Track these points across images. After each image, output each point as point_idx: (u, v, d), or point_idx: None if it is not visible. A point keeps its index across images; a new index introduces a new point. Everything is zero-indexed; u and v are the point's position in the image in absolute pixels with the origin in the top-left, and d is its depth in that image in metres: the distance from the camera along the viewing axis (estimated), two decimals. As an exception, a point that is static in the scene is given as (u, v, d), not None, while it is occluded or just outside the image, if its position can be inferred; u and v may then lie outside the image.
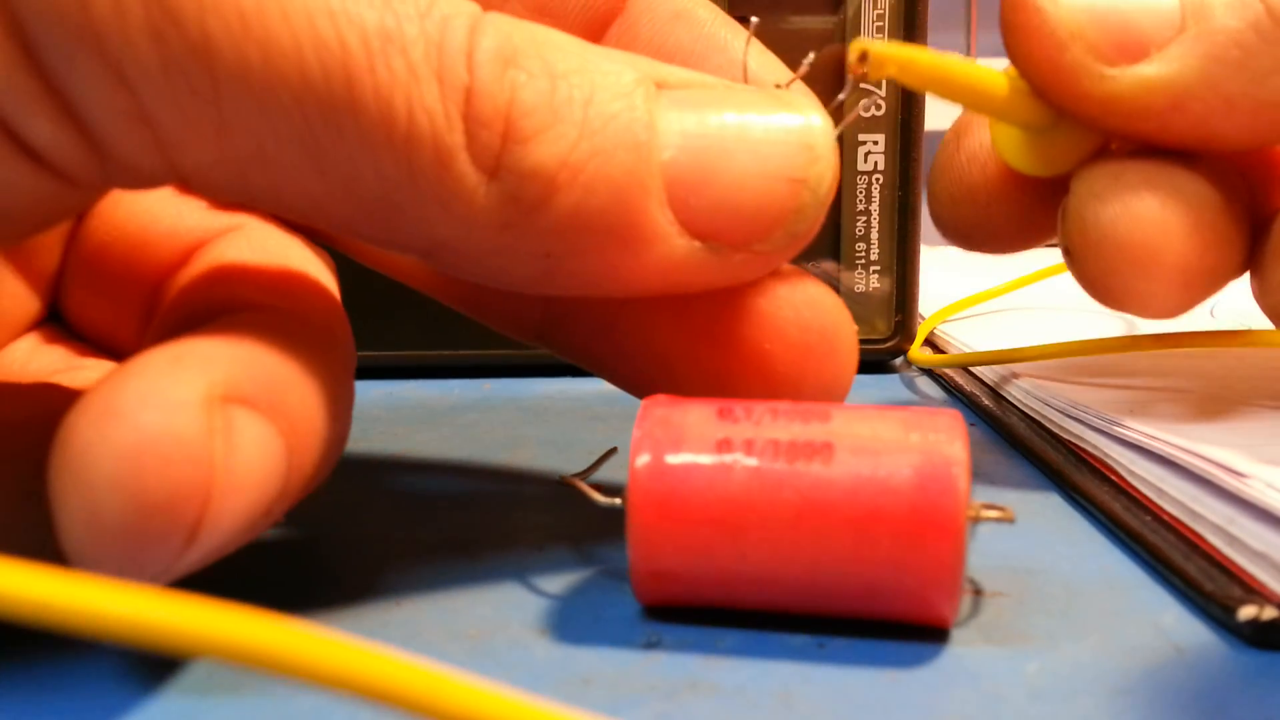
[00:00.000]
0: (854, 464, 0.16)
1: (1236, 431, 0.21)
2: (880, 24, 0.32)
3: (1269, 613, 0.16)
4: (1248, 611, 0.17)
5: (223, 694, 0.16)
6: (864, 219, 0.33)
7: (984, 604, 0.18)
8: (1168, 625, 0.17)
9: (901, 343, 0.33)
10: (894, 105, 0.32)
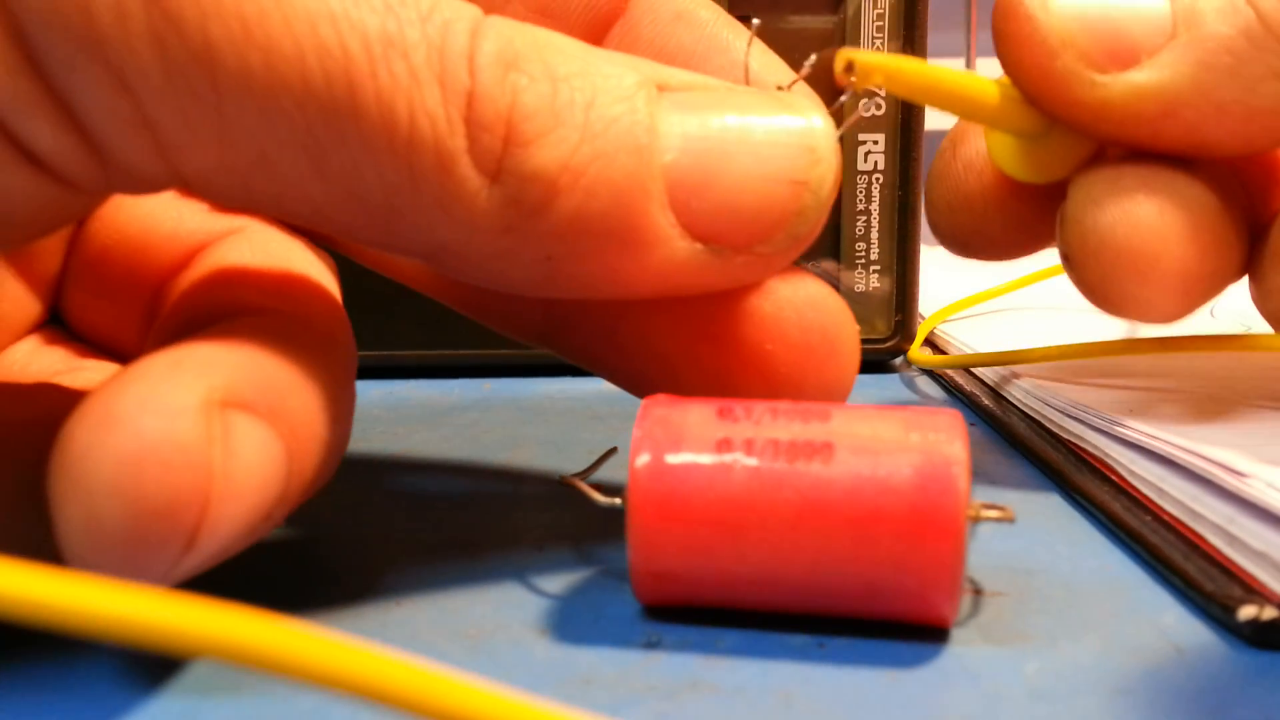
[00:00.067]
0: (854, 464, 0.16)
1: (1237, 431, 0.21)
2: (880, 24, 0.32)
3: (1269, 613, 0.16)
4: (1248, 611, 0.17)
5: (222, 694, 0.16)
6: (864, 219, 0.33)
7: (984, 604, 0.18)
8: (1168, 625, 0.17)
9: (901, 343, 0.33)
10: (894, 105, 0.32)
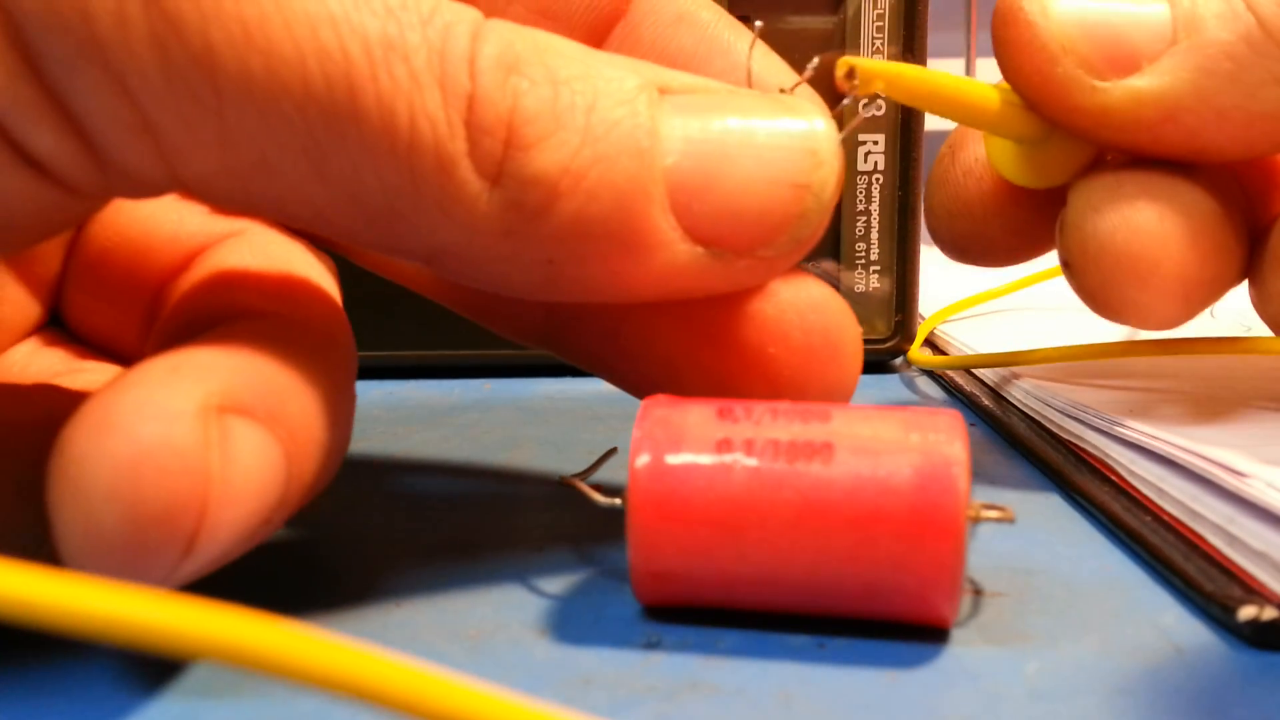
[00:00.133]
0: (854, 464, 0.16)
1: (1237, 432, 0.21)
2: (880, 24, 0.32)
3: (1269, 613, 0.16)
4: (1248, 611, 0.17)
5: (222, 696, 0.16)
6: (864, 219, 0.33)
7: (984, 604, 0.18)
8: (1168, 625, 0.17)
9: (901, 343, 0.33)
10: (894, 106, 0.32)
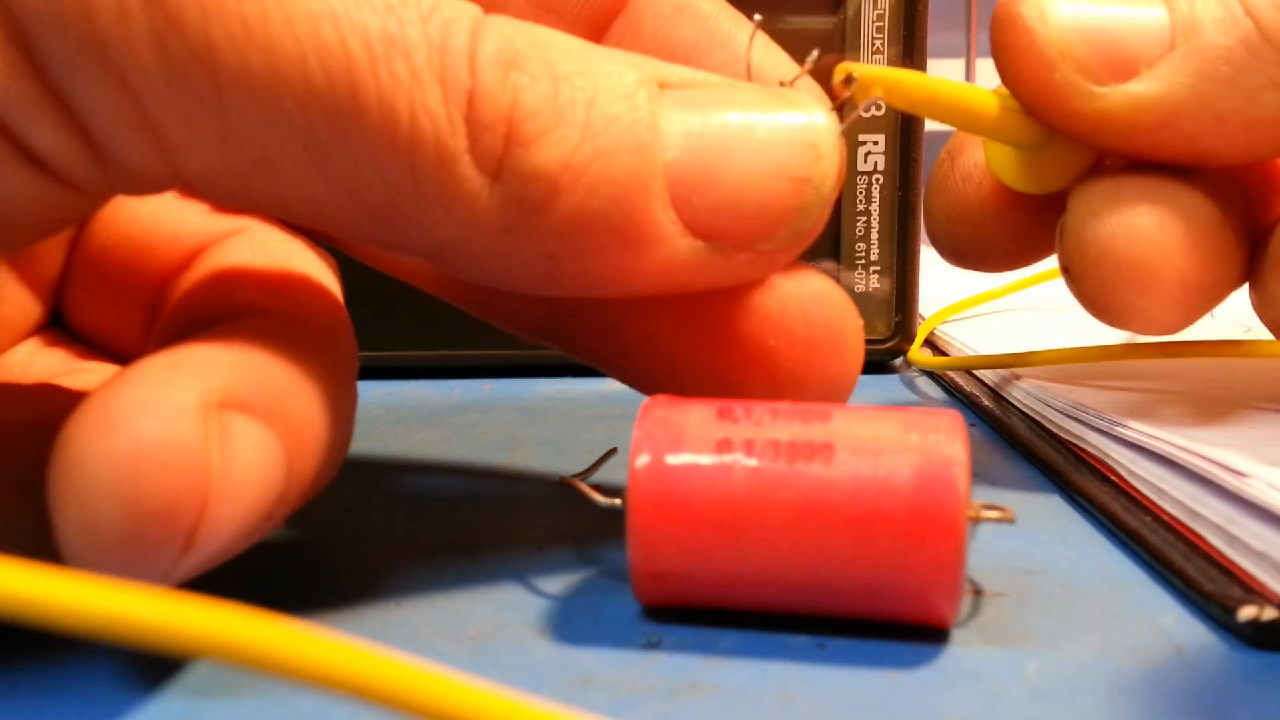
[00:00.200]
0: (854, 464, 0.16)
1: (1236, 432, 0.21)
2: (880, 24, 0.32)
3: (1269, 613, 0.16)
4: (1248, 612, 0.17)
5: (222, 695, 0.16)
6: (864, 219, 0.33)
7: (984, 604, 0.18)
8: (1168, 625, 0.17)
9: (901, 343, 0.33)
10: (894, 105, 0.32)
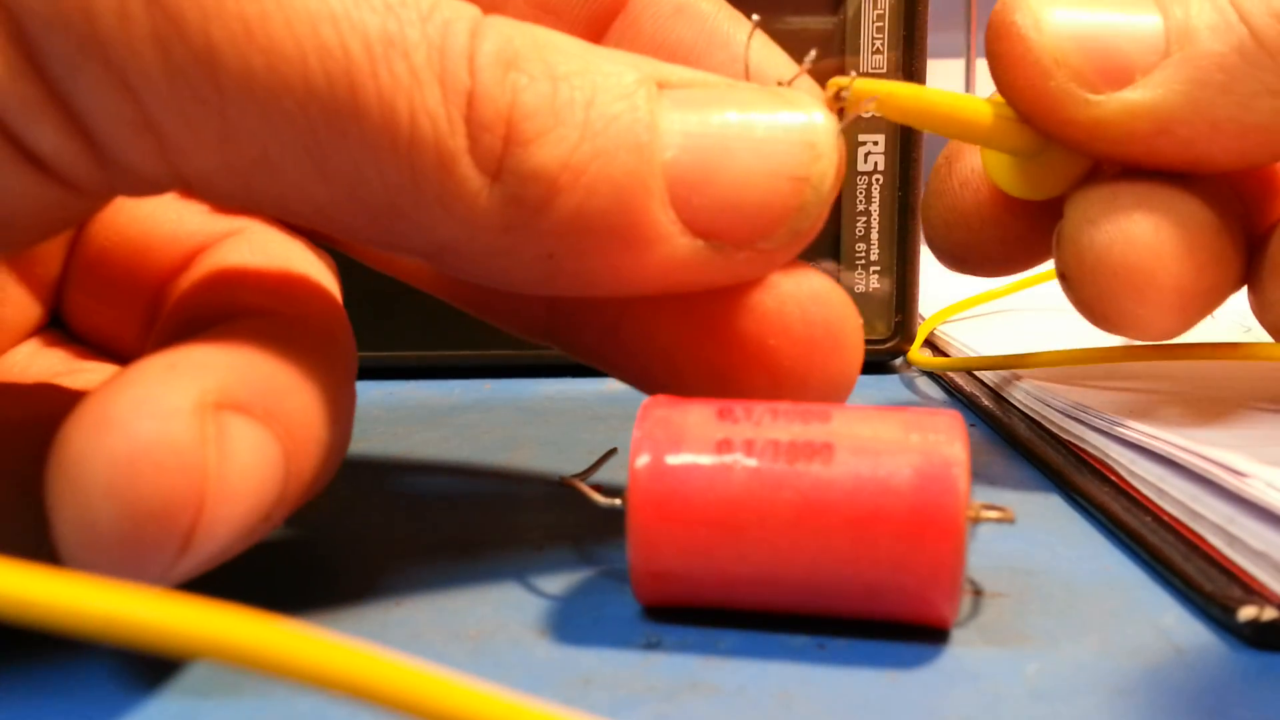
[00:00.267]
0: (854, 464, 0.16)
1: (1236, 432, 0.21)
2: (880, 24, 0.32)
3: (1269, 613, 0.16)
4: (1248, 612, 0.17)
5: (221, 696, 0.16)
6: (864, 219, 0.33)
7: (984, 604, 0.18)
8: (1168, 625, 0.17)
9: (901, 343, 0.33)
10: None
